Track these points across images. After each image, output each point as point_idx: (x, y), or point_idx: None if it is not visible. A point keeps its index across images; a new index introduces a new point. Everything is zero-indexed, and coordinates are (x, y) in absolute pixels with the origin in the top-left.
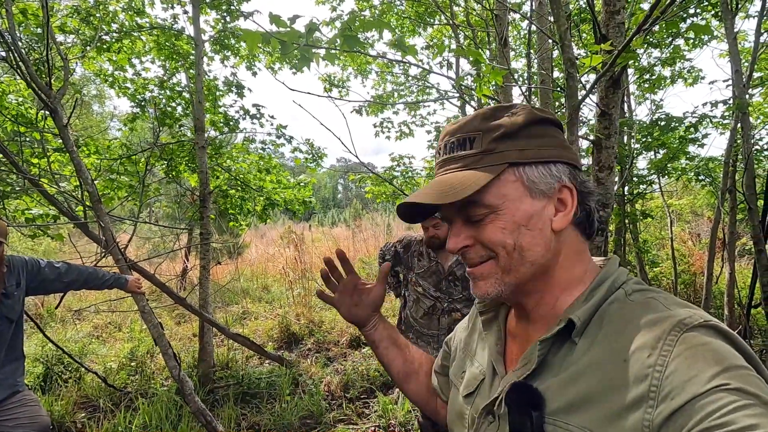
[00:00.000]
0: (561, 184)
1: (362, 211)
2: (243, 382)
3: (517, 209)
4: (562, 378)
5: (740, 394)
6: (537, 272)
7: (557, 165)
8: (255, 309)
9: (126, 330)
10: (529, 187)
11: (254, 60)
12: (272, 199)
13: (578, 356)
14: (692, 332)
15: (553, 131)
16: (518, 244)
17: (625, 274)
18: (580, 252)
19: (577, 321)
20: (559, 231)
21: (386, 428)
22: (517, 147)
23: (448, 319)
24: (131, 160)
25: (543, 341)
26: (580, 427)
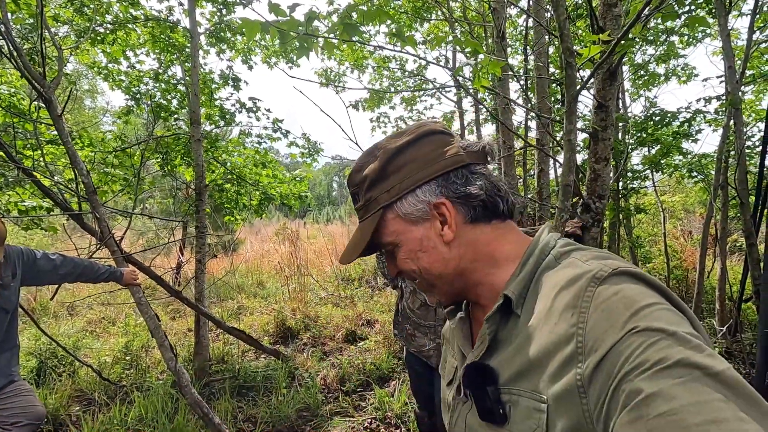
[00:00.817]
0: (431, 204)
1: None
2: (239, 375)
3: (408, 239)
4: (510, 350)
5: (648, 333)
6: (456, 277)
7: (422, 188)
8: (250, 304)
9: (120, 325)
10: (407, 218)
11: (250, 54)
12: (268, 193)
13: (521, 327)
14: (604, 284)
15: (411, 155)
16: (421, 267)
17: (554, 239)
18: (496, 237)
19: (512, 295)
20: (452, 240)
21: (382, 420)
22: (384, 189)
23: (444, 310)
24: (126, 153)
25: (488, 319)
26: (530, 390)
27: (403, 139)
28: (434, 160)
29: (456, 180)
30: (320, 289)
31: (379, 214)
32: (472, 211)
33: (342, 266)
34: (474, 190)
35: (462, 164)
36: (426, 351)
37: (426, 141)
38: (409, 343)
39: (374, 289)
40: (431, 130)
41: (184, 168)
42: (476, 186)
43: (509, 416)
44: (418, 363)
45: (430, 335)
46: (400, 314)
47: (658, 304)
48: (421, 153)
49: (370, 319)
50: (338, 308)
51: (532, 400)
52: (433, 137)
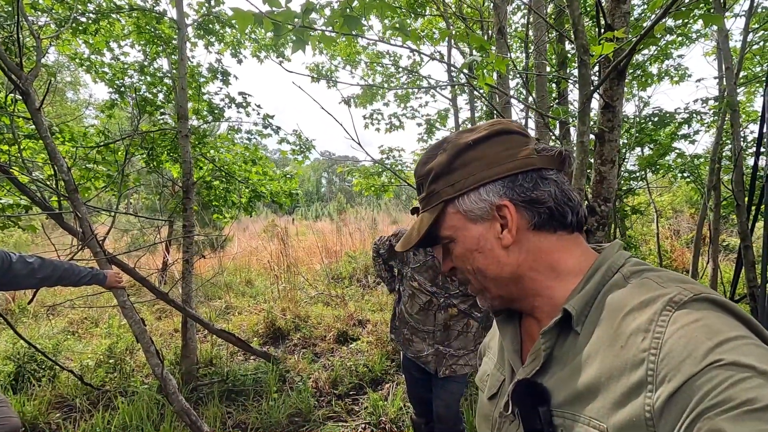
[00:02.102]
0: (494, 204)
1: (346, 205)
2: (228, 379)
3: (465, 237)
4: (567, 370)
5: (735, 368)
6: (511, 283)
7: (487, 187)
8: (239, 303)
9: (104, 326)
10: (468, 216)
11: (240, 47)
12: (258, 191)
13: (580, 346)
14: (683, 309)
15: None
16: (475, 267)
17: (624, 257)
18: (561, 248)
19: (572, 310)
20: (510, 245)
21: (376, 425)
22: (448, 183)
23: (444, 315)
24: (109, 148)
25: (544, 334)
26: (587, 416)
27: (475, 135)
28: (504, 159)
29: (524, 183)
30: (310, 287)
31: (440, 207)
32: (537, 217)
33: (332, 265)
34: (541, 196)
35: (533, 167)
36: (424, 356)
37: (498, 140)
38: (407, 348)
39: (365, 288)
40: (506, 129)
41: (170, 164)
42: (545, 192)
43: None
44: (414, 368)
45: (429, 341)
46: (398, 318)
47: (747, 338)
48: (491, 151)
49: (361, 319)
50: (329, 308)
51: (588, 427)
52: (507, 137)
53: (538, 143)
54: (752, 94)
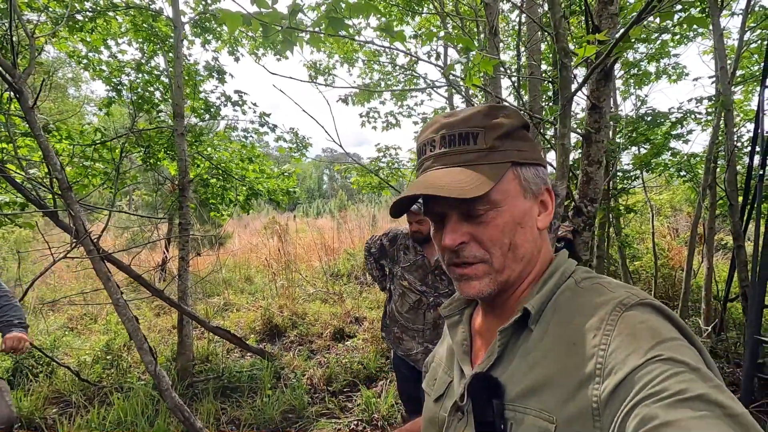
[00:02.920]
0: (545, 186)
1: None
2: (223, 375)
3: (515, 207)
4: (520, 365)
5: (671, 363)
6: (524, 268)
7: (541, 168)
8: (237, 300)
9: (102, 322)
10: (524, 187)
11: (237, 45)
12: (255, 189)
13: (534, 343)
14: (631, 311)
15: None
16: (513, 242)
17: (573, 265)
18: (549, 247)
19: (532, 310)
20: (542, 229)
21: (368, 422)
22: (516, 147)
23: (433, 314)
24: (106, 146)
25: (502, 331)
26: (538, 409)
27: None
28: (539, 151)
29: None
30: (308, 284)
31: (506, 167)
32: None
33: (330, 262)
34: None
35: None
36: (414, 355)
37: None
38: (397, 346)
39: (363, 285)
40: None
41: (168, 162)
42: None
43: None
44: (405, 366)
45: (418, 339)
46: (388, 317)
47: (682, 340)
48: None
49: (358, 317)
50: (326, 305)
51: (539, 419)
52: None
53: None
54: (749, 92)
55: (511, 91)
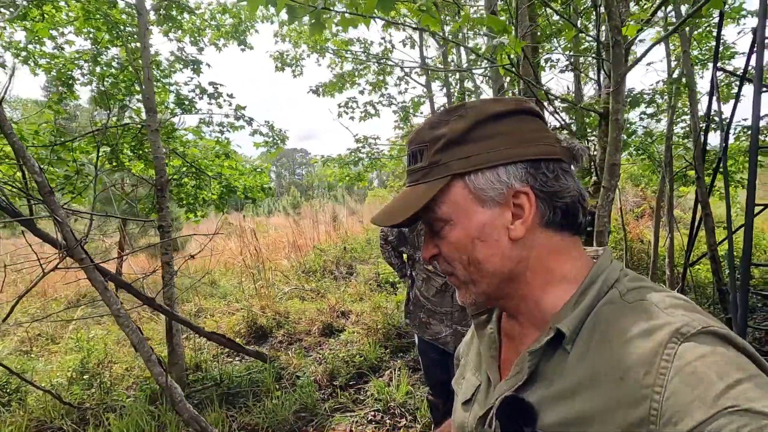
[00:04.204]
0: (512, 189)
1: (301, 199)
2: (222, 382)
3: (469, 220)
4: (556, 390)
5: (749, 416)
6: (503, 281)
7: (508, 168)
8: (209, 305)
9: (67, 341)
10: (478, 196)
11: (201, 34)
12: (232, 186)
13: (571, 367)
14: (689, 342)
15: (508, 126)
16: (473, 258)
17: (618, 270)
18: (560, 250)
19: (566, 331)
20: (518, 239)
21: (385, 411)
22: (463, 154)
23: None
24: (66, 146)
25: (532, 353)
26: None
27: (503, 107)
28: (531, 141)
29: (547, 172)
30: (282, 283)
31: (444, 181)
32: (551, 212)
33: (301, 259)
34: (561, 190)
35: (555, 157)
36: (442, 338)
37: (527, 118)
38: (423, 331)
39: (338, 280)
40: (534, 110)
41: (134, 161)
42: (565, 186)
43: None
44: (432, 350)
45: (447, 321)
46: (412, 302)
47: (756, 377)
48: (519, 129)
49: (344, 311)
50: (306, 302)
51: None
52: (534, 118)
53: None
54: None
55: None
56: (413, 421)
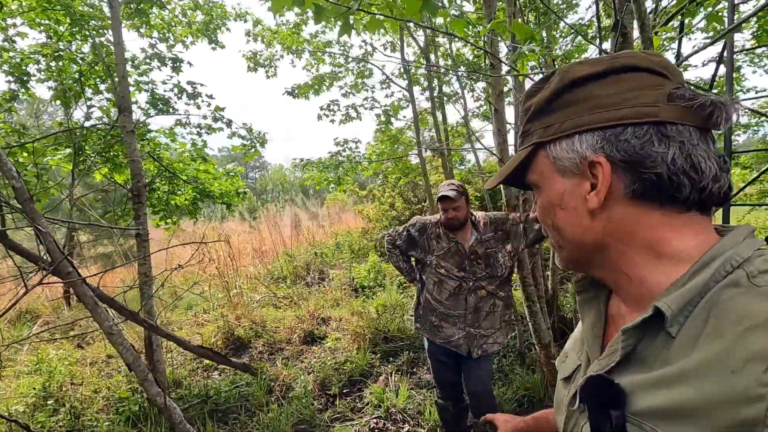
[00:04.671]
0: (587, 158)
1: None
2: (209, 399)
3: (550, 188)
4: (654, 376)
5: None
6: (589, 251)
7: (583, 136)
8: (175, 318)
9: (16, 364)
10: (557, 165)
11: (170, 31)
12: (207, 190)
13: (675, 353)
14: None
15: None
16: (555, 224)
17: (752, 248)
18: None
19: (667, 311)
20: (597, 210)
21: (386, 418)
22: (543, 124)
23: (474, 298)
24: (26, 148)
25: (626, 331)
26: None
27: (589, 70)
28: (614, 104)
29: (632, 139)
30: (251, 291)
31: (530, 150)
32: (638, 183)
33: (268, 266)
34: (650, 158)
35: (652, 119)
36: (455, 341)
37: (616, 78)
38: (435, 335)
39: (311, 286)
40: (632, 64)
41: (100, 165)
42: (657, 153)
43: None
44: (441, 353)
45: (459, 324)
46: (422, 306)
47: None
48: (602, 92)
49: (324, 317)
50: (280, 310)
51: None
52: (631, 75)
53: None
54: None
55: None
56: (416, 425)
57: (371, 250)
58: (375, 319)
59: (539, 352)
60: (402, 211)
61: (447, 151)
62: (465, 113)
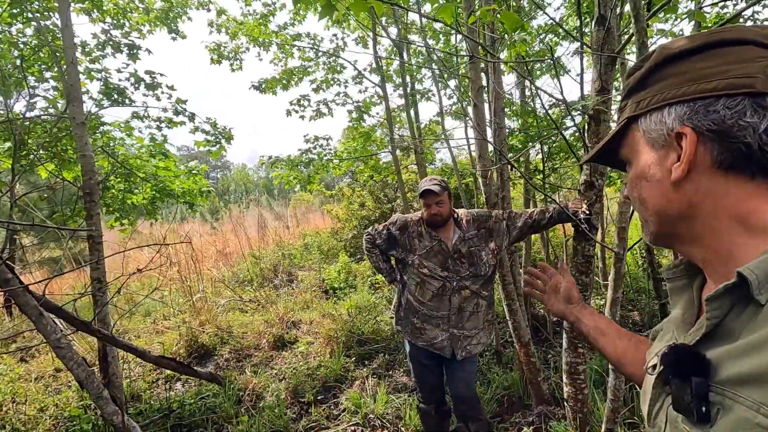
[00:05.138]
0: (673, 130)
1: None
2: (171, 413)
3: (639, 161)
4: (741, 345)
5: None
6: (678, 222)
7: (673, 107)
8: (132, 326)
9: None
10: (648, 138)
11: (125, 17)
12: (168, 189)
13: (762, 320)
14: None
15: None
16: (640, 196)
17: None
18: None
19: (750, 276)
20: (681, 181)
21: (364, 425)
22: (637, 99)
23: (458, 298)
24: None
25: (710, 299)
26: (757, 402)
27: (689, 44)
28: (709, 76)
29: (722, 110)
30: (214, 295)
31: (623, 124)
32: (726, 154)
33: (234, 268)
34: (740, 128)
35: (749, 90)
36: (438, 343)
37: (715, 52)
38: (417, 338)
39: (279, 288)
40: (733, 38)
41: (45, 161)
42: (748, 123)
43: (713, 420)
44: (424, 356)
45: (443, 326)
46: (404, 308)
47: None
48: (700, 66)
49: (294, 320)
50: (246, 314)
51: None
52: (731, 49)
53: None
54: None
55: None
56: (396, 431)
57: (341, 250)
58: (348, 321)
59: (518, 350)
60: (373, 210)
61: (421, 149)
62: (440, 109)
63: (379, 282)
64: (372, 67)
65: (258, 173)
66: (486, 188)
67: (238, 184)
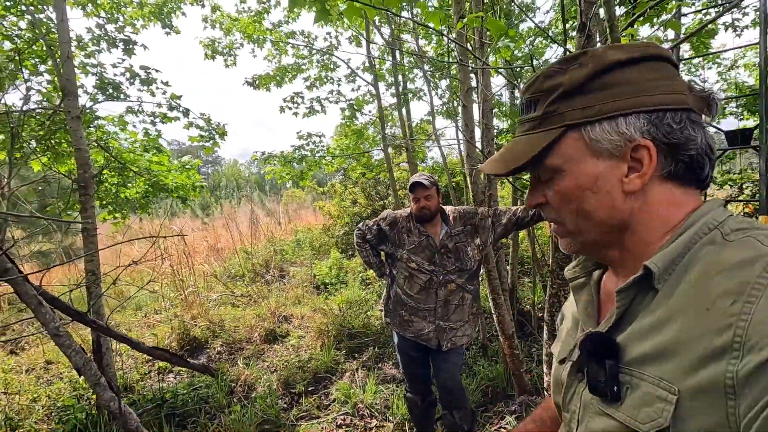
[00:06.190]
0: (632, 142)
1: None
2: (164, 403)
3: (580, 171)
4: (641, 327)
5: None
6: (611, 231)
7: (628, 118)
8: (123, 319)
9: None
10: (592, 147)
11: (119, 12)
12: (162, 183)
13: (659, 304)
14: None
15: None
16: (581, 209)
17: (725, 214)
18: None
19: (654, 268)
20: (633, 192)
21: (354, 414)
22: (579, 105)
23: (444, 291)
24: None
25: (620, 292)
26: (656, 377)
27: (626, 54)
28: (655, 89)
29: (672, 123)
30: (206, 290)
31: (558, 132)
32: (673, 165)
33: (225, 263)
34: (687, 142)
35: (684, 106)
36: (425, 334)
37: (652, 65)
38: (405, 329)
39: (271, 283)
40: (661, 54)
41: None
42: (692, 137)
43: (623, 398)
44: (411, 348)
45: (430, 318)
46: (392, 301)
47: None
48: (642, 77)
49: (286, 315)
50: (238, 308)
51: (658, 388)
52: (662, 64)
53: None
54: None
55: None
56: (384, 420)
57: (333, 246)
58: (338, 315)
59: (503, 343)
60: (365, 207)
61: (412, 147)
62: (432, 109)
63: (369, 278)
64: (365, 66)
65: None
66: (473, 186)
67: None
